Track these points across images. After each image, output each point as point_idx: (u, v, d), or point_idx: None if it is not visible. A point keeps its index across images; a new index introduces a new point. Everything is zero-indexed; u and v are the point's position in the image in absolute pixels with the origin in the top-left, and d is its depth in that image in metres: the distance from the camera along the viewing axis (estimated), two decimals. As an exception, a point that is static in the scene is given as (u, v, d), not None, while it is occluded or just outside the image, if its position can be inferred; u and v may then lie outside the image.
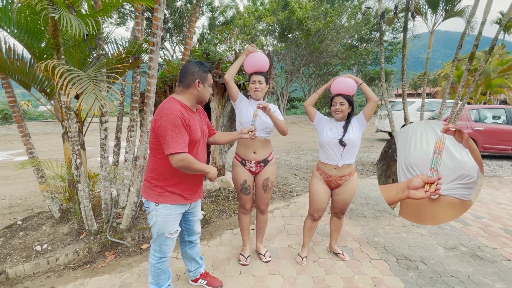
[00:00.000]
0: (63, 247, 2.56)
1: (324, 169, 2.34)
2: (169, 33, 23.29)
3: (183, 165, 1.59)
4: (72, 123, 2.38)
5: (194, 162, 1.63)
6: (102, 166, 2.76)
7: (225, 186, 4.55)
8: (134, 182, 2.66)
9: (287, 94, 28.30)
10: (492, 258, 2.61)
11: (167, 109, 1.60)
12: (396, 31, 25.82)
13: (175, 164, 1.59)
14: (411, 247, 2.81)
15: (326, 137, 2.26)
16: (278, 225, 3.31)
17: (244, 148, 2.31)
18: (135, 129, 3.05)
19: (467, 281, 2.26)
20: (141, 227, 2.92)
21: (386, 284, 2.21)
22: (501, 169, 6.59)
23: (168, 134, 1.55)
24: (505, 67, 16.38)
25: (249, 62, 2.28)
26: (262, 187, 2.36)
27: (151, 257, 1.85)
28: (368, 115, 2.26)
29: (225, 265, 2.47)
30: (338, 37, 22.50)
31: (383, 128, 11.03)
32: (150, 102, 2.47)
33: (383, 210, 3.82)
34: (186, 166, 1.60)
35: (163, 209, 1.72)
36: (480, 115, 7.71)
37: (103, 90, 2.09)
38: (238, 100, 2.33)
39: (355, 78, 2.26)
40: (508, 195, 4.54)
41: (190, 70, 1.72)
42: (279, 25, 22.84)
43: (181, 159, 1.57)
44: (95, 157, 7.12)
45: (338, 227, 2.60)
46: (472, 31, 6.35)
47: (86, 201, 2.55)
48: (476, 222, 3.45)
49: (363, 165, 6.86)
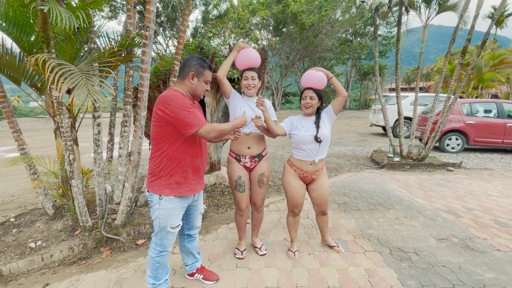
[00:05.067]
0: (57, 243, 2.55)
1: (300, 166, 2.34)
2: (162, 27, 22.96)
3: (215, 133, 1.64)
4: (64, 118, 2.35)
5: (223, 126, 1.68)
6: (96, 161, 2.73)
7: (221, 181, 4.55)
8: (129, 177, 2.64)
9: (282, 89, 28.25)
10: (483, 248, 2.68)
11: (171, 96, 1.63)
12: (390, 25, 25.90)
13: (206, 137, 1.64)
14: (404, 239, 2.86)
15: (302, 136, 2.25)
16: (274, 219, 3.34)
17: (238, 144, 2.30)
18: (128, 124, 3.02)
19: (458, 271, 2.31)
20: (137, 222, 2.91)
21: (380, 275, 2.26)
22: (491, 162, 6.72)
23: (184, 115, 1.59)
24: (497, 61, 16.60)
25: (240, 58, 2.26)
26: (258, 183, 2.37)
27: (151, 250, 1.85)
28: (336, 109, 2.28)
29: (221, 259, 2.49)
30: (332, 31, 22.47)
31: (377, 122, 11.12)
32: (144, 97, 2.44)
33: (376, 203, 3.87)
34: (219, 133, 1.65)
35: (166, 202, 1.73)
36: (472, 109, 7.81)
37: (95, 84, 2.06)
38: (231, 96, 2.32)
39: (325, 71, 2.26)
40: (498, 187, 4.64)
41: (188, 63, 1.76)
42: (274, 19, 22.69)
43: (209, 130, 1.62)
44: (89, 153, 7.05)
45: (326, 222, 2.61)
46: (465, 25, 6.39)
47: (80, 197, 2.53)
48: (467, 213, 3.52)
49: (357, 159, 6.92)
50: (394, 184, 4.74)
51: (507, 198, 4.09)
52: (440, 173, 5.55)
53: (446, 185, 4.72)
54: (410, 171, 5.72)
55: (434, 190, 4.44)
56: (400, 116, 6.11)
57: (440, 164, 5.93)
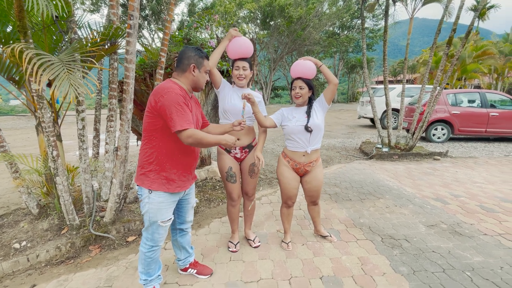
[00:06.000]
0: (43, 243, 2.46)
1: (293, 157, 2.32)
2: (146, 20, 22.40)
3: (193, 140, 1.57)
4: (46, 113, 2.24)
5: (204, 137, 1.61)
6: (82, 158, 2.64)
7: (212, 176, 4.50)
8: (116, 173, 2.56)
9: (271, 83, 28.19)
10: (470, 233, 2.75)
11: (167, 88, 1.58)
12: (376, 18, 26.11)
13: (185, 141, 1.57)
14: (395, 227, 2.91)
15: (293, 126, 2.22)
16: (266, 211, 3.33)
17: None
18: (114, 119, 2.92)
19: (448, 255, 2.37)
20: (126, 219, 2.84)
21: (373, 263, 2.28)
22: (476, 150, 6.91)
23: (173, 111, 1.53)
24: (480, 52, 17.03)
25: (232, 47, 2.21)
26: (249, 173, 2.34)
27: (142, 246, 1.80)
28: (328, 98, 2.26)
29: (214, 253, 2.46)
30: (320, 24, 22.49)
31: (365, 115, 11.25)
32: (129, 89, 2.36)
33: (367, 193, 3.92)
34: (197, 141, 1.58)
35: (156, 196, 1.68)
36: (456, 99, 7.99)
37: (78, 76, 1.96)
38: (221, 86, 2.27)
39: (314, 60, 2.23)
40: (483, 174, 4.78)
41: (186, 55, 1.71)
42: (261, 12, 22.49)
43: (190, 135, 1.55)
44: (74, 151, 6.84)
45: (318, 212, 2.62)
46: (449, 17, 6.50)
47: (65, 195, 2.44)
48: (454, 200, 3.60)
49: (346, 150, 6.99)
50: (383, 174, 4.81)
51: (491, 184, 4.22)
52: (427, 162, 5.67)
53: (433, 174, 4.83)
54: (398, 161, 5.81)
55: (422, 179, 4.53)
56: (388, 107, 6.18)
57: (427, 153, 6.06)
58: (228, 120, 2.22)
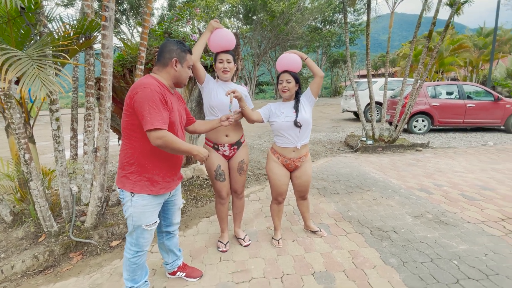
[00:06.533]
0: (18, 253, 2.29)
1: (283, 153, 2.28)
2: (125, 15, 21.62)
3: (162, 143, 1.45)
4: (15, 113, 2.07)
5: (175, 141, 1.49)
6: (58, 160, 2.48)
7: (198, 174, 4.40)
8: (97, 175, 2.43)
9: (255, 78, 28.06)
10: (455, 222, 2.82)
11: (144, 84, 1.47)
12: (358, 13, 26.44)
13: (153, 142, 1.45)
14: (383, 219, 2.94)
15: (282, 122, 2.18)
16: (255, 208, 3.28)
17: (215, 133, 2.18)
18: (92, 118, 2.76)
19: (435, 245, 2.41)
20: (109, 223, 2.71)
21: (363, 256, 2.29)
22: (455, 141, 7.15)
23: (145, 109, 1.42)
24: (456, 46, 17.63)
25: (214, 39, 2.12)
26: (238, 170, 2.28)
27: (127, 251, 1.70)
28: (315, 91, 2.24)
29: (203, 254, 2.39)
30: (302, 19, 22.50)
31: (349, 108, 11.39)
32: (107, 86, 2.22)
33: (354, 185, 3.95)
34: (166, 145, 1.47)
35: (139, 199, 1.58)
36: (436, 91, 8.22)
37: (49, 73, 1.82)
38: (206, 81, 2.18)
39: (299, 53, 2.19)
40: (462, 163, 4.94)
41: (168, 48, 1.61)
42: (243, 6, 22.22)
43: (160, 136, 1.44)
44: (51, 152, 6.51)
45: (307, 207, 2.61)
46: (428, 10, 6.63)
47: (41, 200, 2.28)
48: (437, 190, 3.70)
49: (332, 144, 7.05)
50: (368, 167, 4.88)
51: (471, 173, 4.37)
52: (410, 154, 5.81)
53: (416, 165, 4.94)
54: (382, 153, 5.92)
55: (406, 170, 4.62)
56: (371, 100, 6.26)
57: (410, 145, 6.20)
58: (215, 116, 2.14)
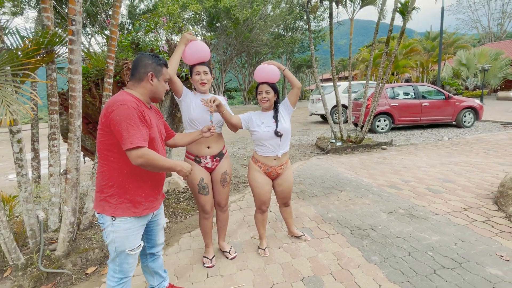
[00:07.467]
0: (-22, 293, 2.04)
1: (264, 162, 2.31)
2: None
3: (143, 161, 1.39)
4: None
5: (157, 159, 1.44)
6: (21, 186, 2.26)
7: (174, 188, 4.26)
8: (68, 199, 2.25)
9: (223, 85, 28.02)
10: (424, 215, 3.04)
11: (119, 101, 1.40)
12: (317, 20, 27.63)
13: (134, 161, 1.38)
14: (360, 217, 3.07)
15: (263, 132, 2.21)
16: (237, 218, 3.26)
17: (196, 145, 2.14)
18: (57, 136, 2.57)
19: (410, 239, 2.58)
20: (83, 249, 2.51)
21: (347, 256, 2.37)
22: (414, 137, 7.72)
23: (123, 127, 1.36)
24: (408, 49, 19.16)
25: (190, 52, 2.09)
26: (221, 182, 2.25)
27: (110, 279, 1.59)
28: (293, 101, 2.31)
29: (189, 272, 2.31)
30: (266, 26, 23.02)
31: (316, 111, 11.83)
32: (77, 103, 2.08)
33: (330, 187, 4.09)
34: (148, 163, 1.41)
35: (121, 223, 1.49)
36: (394, 92, 8.84)
37: (9, 92, 1.66)
38: (183, 94, 2.14)
39: (277, 64, 2.25)
40: (424, 159, 5.35)
41: (143, 63, 1.55)
42: (206, 13, 22.19)
43: (141, 155, 1.37)
44: (6, 174, 5.91)
45: (290, 213, 2.66)
46: (383, 18, 7.15)
47: (5, 231, 2.06)
48: (405, 185, 3.96)
49: (304, 147, 7.24)
50: (341, 167, 5.09)
51: (432, 167, 4.74)
52: (377, 152, 6.16)
53: (383, 162, 5.25)
54: (351, 153, 6.21)
55: (375, 168, 4.89)
56: (338, 103, 6.56)
57: (375, 144, 6.58)
58: (196, 129, 2.10)
